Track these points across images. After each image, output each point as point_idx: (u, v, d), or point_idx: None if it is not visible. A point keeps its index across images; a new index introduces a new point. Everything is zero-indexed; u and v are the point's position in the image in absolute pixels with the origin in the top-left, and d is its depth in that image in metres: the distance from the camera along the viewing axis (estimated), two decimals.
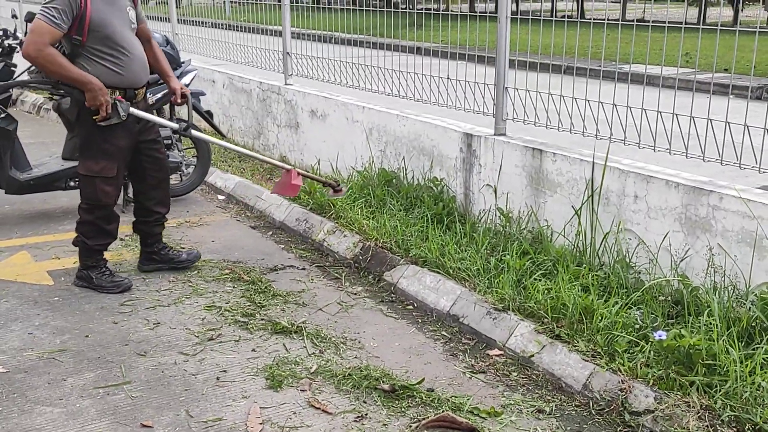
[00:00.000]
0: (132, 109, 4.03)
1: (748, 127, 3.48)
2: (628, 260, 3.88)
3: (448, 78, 5.07)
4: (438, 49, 5.34)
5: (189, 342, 3.61)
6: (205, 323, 3.81)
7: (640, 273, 3.86)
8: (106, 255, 4.34)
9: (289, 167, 4.56)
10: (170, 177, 4.74)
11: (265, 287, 4.24)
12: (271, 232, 5.29)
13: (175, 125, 4.43)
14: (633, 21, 4.20)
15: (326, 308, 4.03)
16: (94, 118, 3.92)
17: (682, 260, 3.63)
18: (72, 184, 5.47)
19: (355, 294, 4.23)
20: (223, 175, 6.38)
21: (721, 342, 3.03)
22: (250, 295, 4.15)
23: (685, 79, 4.14)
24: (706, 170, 3.90)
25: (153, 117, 4.32)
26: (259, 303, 4.04)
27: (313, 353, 3.51)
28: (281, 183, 4.52)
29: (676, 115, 3.77)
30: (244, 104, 7.66)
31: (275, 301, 4.09)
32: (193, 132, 4.42)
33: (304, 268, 4.61)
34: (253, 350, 3.54)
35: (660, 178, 3.74)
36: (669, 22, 3.97)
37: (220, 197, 6.11)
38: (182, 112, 6.45)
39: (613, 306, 3.46)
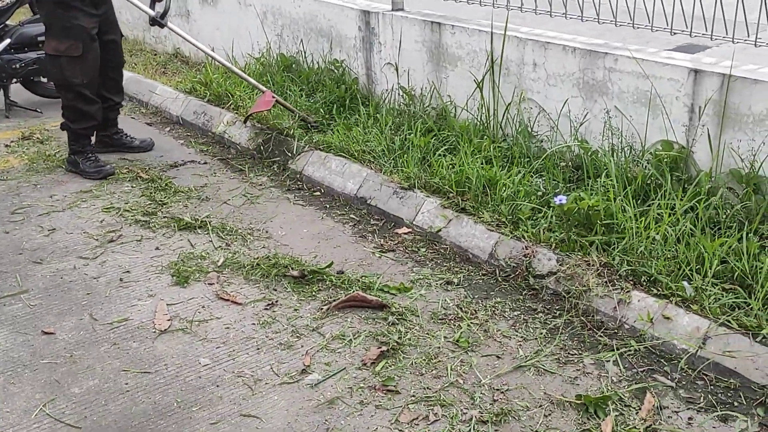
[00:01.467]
0: None
1: None
2: (529, 130, 3.90)
3: None
4: None
5: (88, 246, 3.47)
6: (104, 225, 3.67)
7: (542, 141, 3.89)
8: None
9: (264, 89, 4.57)
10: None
11: (166, 184, 4.10)
12: (168, 128, 5.07)
13: (152, 12, 4.30)
14: None
15: (231, 201, 3.94)
16: None
17: (581, 125, 3.67)
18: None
19: (261, 185, 4.13)
20: None
21: (618, 201, 3.11)
22: (150, 193, 4.00)
23: None
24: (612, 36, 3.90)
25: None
26: (160, 201, 3.91)
27: (220, 247, 3.44)
28: (256, 103, 4.54)
29: None
30: None
31: (177, 197, 3.96)
32: (169, 24, 4.33)
33: (205, 162, 4.46)
34: (157, 248, 3.44)
35: (557, 43, 3.71)
36: None
37: None
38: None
39: (516, 176, 3.49)
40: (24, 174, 4.30)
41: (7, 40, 5.04)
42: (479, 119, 4.13)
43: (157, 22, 4.29)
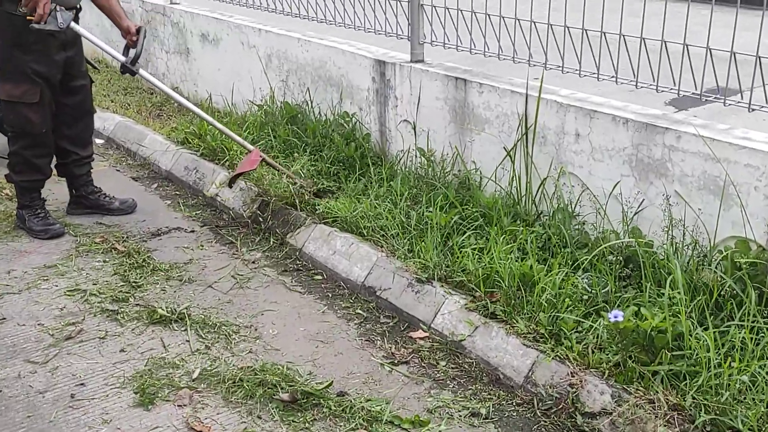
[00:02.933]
0: (74, 25, 3.59)
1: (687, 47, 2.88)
2: (570, 210, 3.31)
3: None
4: None
5: (40, 344, 2.90)
6: (64, 315, 3.10)
7: (584, 224, 3.30)
8: None
9: (252, 147, 4.02)
10: None
11: (144, 260, 3.53)
12: (156, 185, 4.51)
13: (122, 58, 3.80)
14: None
15: (218, 284, 3.36)
16: (29, 18, 3.42)
17: (635, 214, 3.08)
18: None
19: (254, 262, 3.55)
20: (102, 113, 5.48)
21: (686, 320, 2.51)
22: (125, 271, 3.43)
23: None
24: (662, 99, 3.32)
25: (100, 42, 3.77)
26: (135, 282, 3.33)
27: (198, 350, 2.86)
28: (241, 164, 4.01)
29: (624, 36, 3.14)
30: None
31: (155, 277, 3.39)
32: (141, 71, 3.82)
33: (192, 231, 3.89)
34: (122, 350, 2.86)
35: (605, 112, 3.14)
36: None
37: (99, 141, 5.24)
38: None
39: (556, 274, 2.89)
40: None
41: None
42: (509, 193, 3.55)
43: (128, 69, 3.78)
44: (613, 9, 3.16)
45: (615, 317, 2.51)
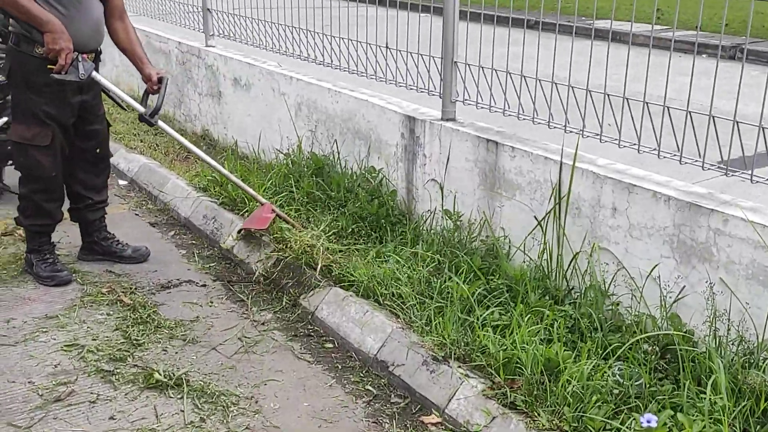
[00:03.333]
0: (96, 75, 3.50)
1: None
2: (604, 289, 3.07)
3: (387, 47, 4.15)
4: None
5: (27, 405, 2.72)
6: (57, 373, 2.92)
7: (618, 305, 3.05)
8: None
9: (264, 201, 3.97)
10: None
11: (149, 315, 3.35)
12: (173, 232, 4.37)
13: (141, 108, 3.68)
14: None
15: (222, 346, 3.17)
16: (50, 67, 3.33)
17: (675, 301, 2.82)
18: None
19: (263, 324, 3.36)
20: (127, 154, 5.40)
21: (728, 429, 2.24)
22: (127, 327, 3.26)
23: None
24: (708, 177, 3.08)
25: (120, 92, 3.70)
26: (136, 340, 3.16)
27: (191, 422, 2.65)
28: (251, 217, 3.97)
29: (668, 108, 2.93)
30: (162, 67, 6.62)
31: (158, 336, 3.21)
32: (160, 122, 3.74)
33: (204, 285, 3.72)
34: (112, 417, 2.68)
35: (646, 188, 2.91)
36: None
37: (122, 182, 5.16)
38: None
39: (585, 363, 2.64)
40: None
41: (5, 118, 4.44)
42: (539, 266, 3.32)
43: (146, 120, 3.65)
44: (658, 75, 2.96)
45: (648, 422, 2.25)
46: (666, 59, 2.96)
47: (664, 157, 3.02)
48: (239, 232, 3.98)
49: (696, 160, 2.94)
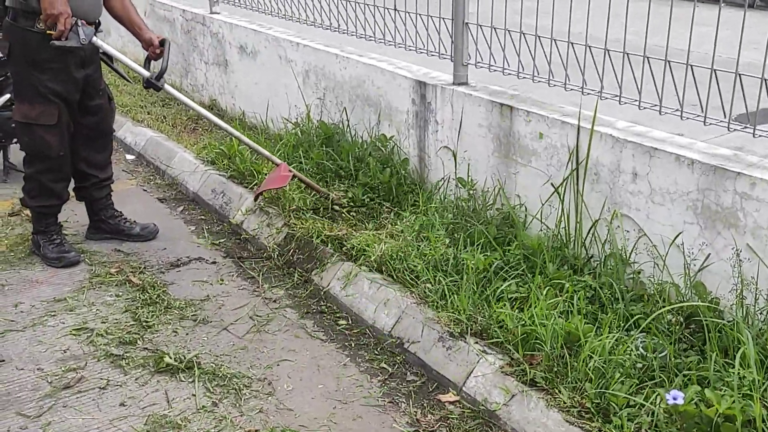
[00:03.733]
0: (96, 40, 3.38)
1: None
2: (624, 257, 2.96)
3: (395, 9, 3.99)
4: None
5: (36, 393, 2.67)
6: (67, 358, 2.87)
7: (639, 273, 2.94)
8: None
9: (279, 161, 3.86)
10: None
11: (158, 295, 3.29)
12: (181, 207, 4.29)
13: (146, 73, 3.57)
14: None
15: (234, 326, 3.10)
16: (49, 32, 3.22)
17: (700, 270, 2.71)
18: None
19: (275, 301, 3.29)
20: (134, 128, 5.31)
21: (759, 406, 2.14)
22: (137, 308, 3.20)
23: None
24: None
25: (124, 57, 3.57)
26: (146, 322, 3.10)
27: (204, 407, 2.60)
28: (267, 179, 3.89)
29: (692, 66, 2.77)
30: (167, 36, 6.48)
31: (168, 316, 3.15)
32: (166, 86, 3.63)
33: (214, 262, 3.64)
34: (123, 404, 2.62)
35: (668, 151, 2.77)
36: None
37: (129, 157, 5.08)
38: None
39: (607, 336, 2.55)
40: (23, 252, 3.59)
41: (7, 95, 4.35)
42: (556, 234, 3.21)
43: (152, 84, 3.53)
44: (680, 29, 2.80)
45: (674, 399, 2.16)
46: (684, 10, 2.80)
47: (687, 118, 2.88)
48: (256, 198, 3.87)
49: (698, 116, 2.80)
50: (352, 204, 3.79)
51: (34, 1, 3.20)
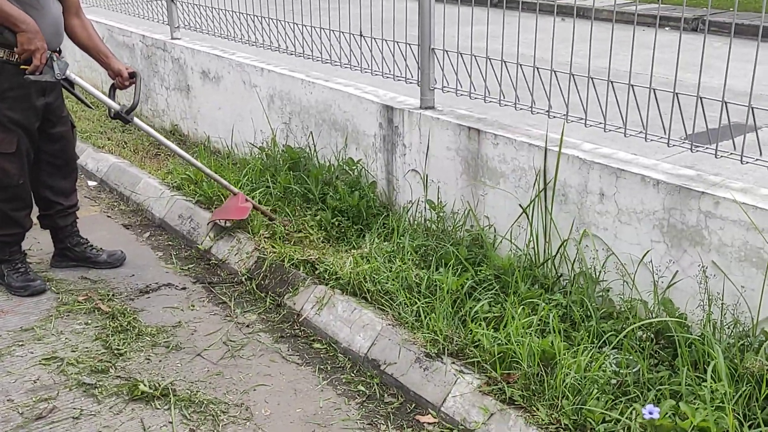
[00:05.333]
0: (70, 74, 3.40)
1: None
2: (594, 276, 3.03)
3: (361, 35, 4.05)
4: None
5: (8, 425, 2.61)
6: (37, 388, 2.81)
7: (609, 291, 3.02)
8: None
9: (236, 191, 3.94)
10: None
11: (129, 322, 3.25)
12: (148, 233, 4.25)
13: (117, 106, 3.56)
14: None
15: (207, 352, 3.08)
16: (23, 67, 3.22)
17: (668, 287, 2.79)
18: None
19: (248, 326, 3.27)
20: (95, 153, 5.25)
21: (732, 418, 2.21)
22: (107, 336, 3.15)
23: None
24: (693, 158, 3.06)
25: (95, 90, 3.58)
26: (117, 350, 3.05)
27: None
28: (224, 207, 3.97)
29: (654, 89, 2.88)
30: (127, 61, 6.44)
31: (140, 344, 3.11)
32: (136, 120, 3.66)
33: (184, 288, 3.61)
34: None
35: (633, 172, 2.87)
36: None
37: (91, 183, 5.01)
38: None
39: (581, 352, 2.60)
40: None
41: None
42: (526, 254, 3.27)
43: (121, 117, 3.55)
44: (639, 56, 2.91)
45: (650, 413, 2.22)
46: (646, 36, 2.92)
47: (630, 134, 2.99)
48: (209, 224, 3.90)
49: (662, 137, 2.92)
50: (318, 228, 3.81)
51: (8, 34, 3.16)
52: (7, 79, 3.23)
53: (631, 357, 2.62)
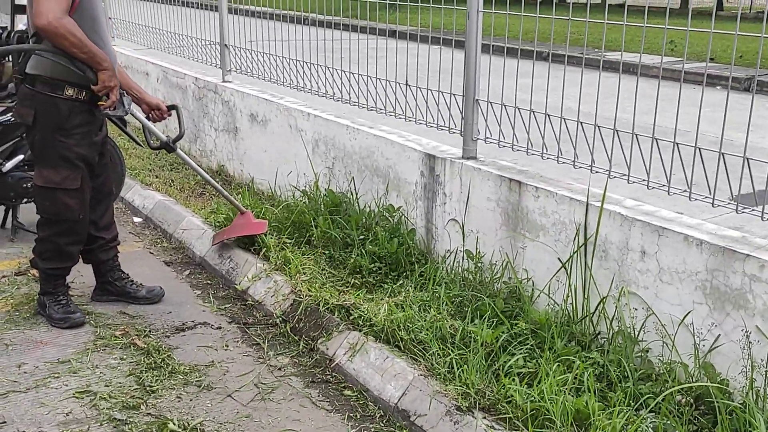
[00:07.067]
0: (132, 107, 3.61)
1: None
2: (633, 335, 2.96)
3: (407, 84, 4.09)
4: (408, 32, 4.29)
5: None
6: (69, 422, 2.83)
7: (647, 352, 2.94)
8: None
9: (245, 209, 4.30)
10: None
11: (163, 359, 3.27)
12: (188, 271, 4.30)
13: (164, 137, 3.86)
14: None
15: (238, 393, 3.07)
16: (100, 104, 3.38)
17: (710, 350, 2.71)
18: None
19: (280, 369, 3.26)
20: (142, 191, 5.36)
21: None
22: (141, 372, 3.17)
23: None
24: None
25: (147, 121, 3.83)
26: (149, 386, 3.07)
27: None
28: (235, 225, 4.27)
29: (700, 149, 2.84)
30: (179, 102, 6.61)
31: (172, 381, 3.12)
32: (179, 150, 3.91)
33: (219, 327, 3.63)
34: None
35: (676, 231, 2.81)
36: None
37: (137, 219, 5.11)
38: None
39: (617, 415, 2.53)
40: (0, 325, 3.54)
41: (20, 156, 4.42)
42: (564, 309, 3.22)
43: (167, 146, 3.83)
44: (688, 113, 2.88)
45: None
46: (693, 92, 2.89)
47: (674, 193, 2.94)
48: (215, 243, 4.29)
49: (707, 197, 2.86)
50: (358, 272, 3.82)
51: (90, 73, 3.27)
52: (76, 117, 3.34)
53: (669, 422, 2.54)
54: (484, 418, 2.69)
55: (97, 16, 3.34)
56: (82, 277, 4.02)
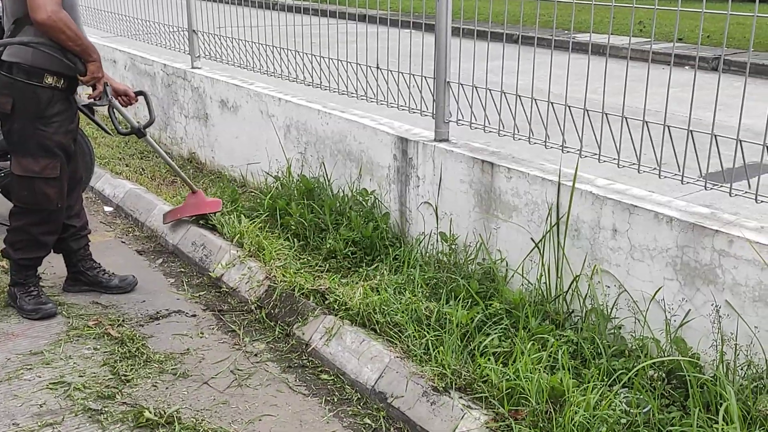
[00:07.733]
0: (112, 98, 3.62)
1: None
2: (606, 313, 2.99)
3: (378, 68, 4.08)
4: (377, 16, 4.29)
5: None
6: (43, 413, 2.80)
7: (620, 329, 2.98)
8: None
9: (197, 188, 4.40)
10: None
11: (137, 348, 3.24)
12: (161, 260, 4.26)
13: (135, 123, 3.88)
14: None
15: (214, 380, 3.06)
16: (88, 94, 3.51)
17: (681, 325, 2.75)
18: None
19: (256, 355, 3.26)
20: (113, 180, 5.29)
21: None
22: (115, 361, 3.15)
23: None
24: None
25: (123, 109, 3.78)
26: (124, 376, 3.04)
27: None
28: (188, 204, 4.34)
29: (668, 126, 2.87)
30: (148, 90, 6.52)
31: (147, 370, 3.10)
32: (148, 136, 3.95)
33: (194, 315, 3.61)
34: None
35: (647, 209, 2.84)
36: None
37: (107, 209, 5.05)
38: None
39: (591, 391, 2.56)
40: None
41: None
42: (538, 289, 3.24)
43: (138, 131, 3.85)
44: (657, 93, 2.90)
45: None
46: (660, 72, 2.92)
47: (644, 171, 2.98)
48: (168, 222, 4.39)
49: (676, 174, 2.90)
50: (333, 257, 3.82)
51: (80, 65, 3.30)
52: (55, 105, 3.32)
53: (641, 396, 2.57)
54: (461, 397, 2.71)
55: (74, 5, 3.35)
56: (52, 267, 3.97)
